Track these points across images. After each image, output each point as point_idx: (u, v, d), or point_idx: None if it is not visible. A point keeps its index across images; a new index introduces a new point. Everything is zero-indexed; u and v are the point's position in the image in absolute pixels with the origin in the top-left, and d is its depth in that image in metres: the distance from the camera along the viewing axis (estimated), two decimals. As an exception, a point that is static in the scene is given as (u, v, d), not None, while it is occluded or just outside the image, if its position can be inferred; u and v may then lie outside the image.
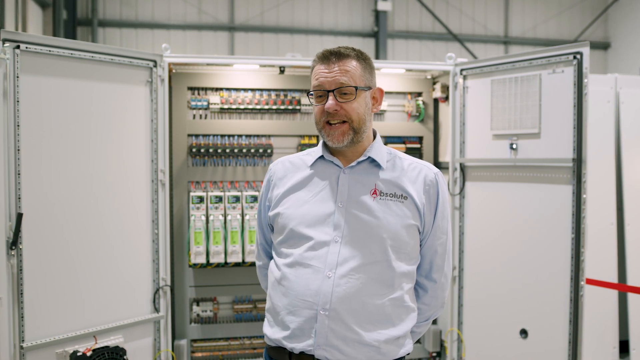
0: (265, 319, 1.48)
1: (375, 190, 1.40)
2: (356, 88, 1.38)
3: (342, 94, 1.38)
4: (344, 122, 1.38)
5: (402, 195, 1.40)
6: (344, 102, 1.37)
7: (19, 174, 2.18)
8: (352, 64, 1.39)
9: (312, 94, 1.42)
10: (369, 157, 1.44)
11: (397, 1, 9.31)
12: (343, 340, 1.33)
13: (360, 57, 1.42)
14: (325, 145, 1.47)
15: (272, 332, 1.43)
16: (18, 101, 2.17)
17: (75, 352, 2.32)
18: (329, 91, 1.38)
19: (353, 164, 1.43)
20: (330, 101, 1.37)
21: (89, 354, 2.35)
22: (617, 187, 3.49)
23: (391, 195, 1.40)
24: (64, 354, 2.32)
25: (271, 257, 1.53)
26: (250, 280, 2.97)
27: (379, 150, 1.45)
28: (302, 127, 3.02)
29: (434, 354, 3.14)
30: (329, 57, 1.40)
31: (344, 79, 1.37)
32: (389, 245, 1.37)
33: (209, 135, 2.94)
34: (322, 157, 1.47)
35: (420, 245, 1.45)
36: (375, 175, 1.42)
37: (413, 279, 1.45)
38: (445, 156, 3.13)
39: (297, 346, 1.36)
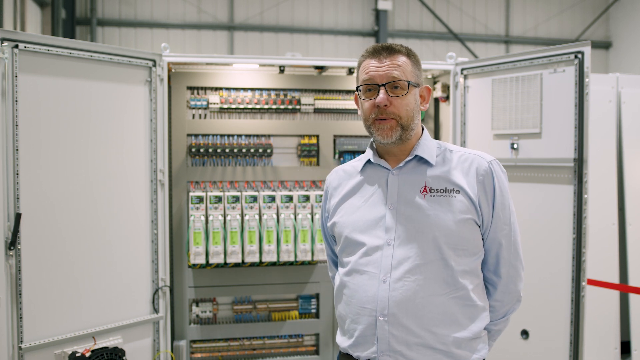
0: (338, 328, 1.49)
1: (425, 188, 1.36)
2: (409, 83, 1.35)
3: (393, 88, 1.35)
4: (392, 118, 1.35)
5: (453, 190, 1.35)
6: (395, 97, 1.34)
7: (17, 174, 2.17)
8: (403, 59, 1.37)
9: (360, 90, 1.39)
10: (417, 156, 1.40)
11: (397, 0, 9.29)
12: (406, 345, 1.30)
13: (410, 53, 1.40)
14: (372, 148, 1.46)
15: (341, 340, 1.44)
16: (17, 101, 2.16)
17: (74, 353, 2.31)
18: (380, 85, 1.35)
19: (401, 164, 1.40)
20: (382, 95, 1.33)
21: (87, 354, 2.34)
22: (619, 187, 3.47)
23: (441, 191, 1.35)
24: (62, 354, 2.31)
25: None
26: (250, 280, 2.96)
27: (427, 147, 1.41)
28: (302, 126, 3.01)
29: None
30: (380, 51, 1.37)
31: (397, 73, 1.34)
32: (443, 243, 1.32)
33: (208, 135, 2.93)
34: (369, 161, 1.45)
35: (483, 239, 1.39)
36: (424, 173, 1.38)
37: (478, 276, 1.39)
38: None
39: (362, 354, 1.35)
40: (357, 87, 1.41)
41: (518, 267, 1.44)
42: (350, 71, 3.02)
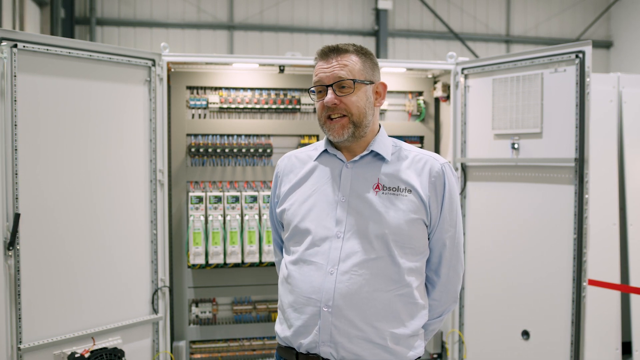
0: (277, 317, 1.48)
1: (377, 185, 1.38)
2: (354, 81, 1.37)
3: (340, 87, 1.37)
4: (344, 115, 1.37)
5: (405, 189, 1.37)
6: (342, 95, 1.37)
7: (16, 174, 2.16)
8: (351, 59, 1.39)
9: (313, 91, 1.42)
10: (372, 151, 1.42)
11: (397, 0, 9.28)
12: (347, 337, 1.32)
13: (360, 52, 1.42)
14: (329, 139, 1.46)
15: (281, 329, 1.43)
16: (16, 100, 2.15)
17: (73, 354, 2.31)
18: (327, 86, 1.37)
19: (356, 158, 1.42)
20: (329, 95, 1.36)
21: (87, 355, 2.34)
22: (620, 187, 3.46)
23: (394, 189, 1.37)
24: (61, 355, 2.30)
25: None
26: (249, 281, 2.95)
27: (383, 143, 1.43)
28: (302, 126, 3.00)
29: (435, 356, 3.12)
30: (328, 53, 1.40)
31: (342, 72, 1.36)
32: (392, 241, 1.34)
33: (208, 135, 2.92)
34: (326, 151, 1.46)
35: (429, 239, 1.42)
36: (378, 169, 1.40)
37: (422, 275, 1.42)
38: (446, 156, 3.11)
39: (302, 343, 1.35)
40: (309, 90, 1.44)
41: (458, 269, 1.47)
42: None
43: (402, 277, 1.35)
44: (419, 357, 1.41)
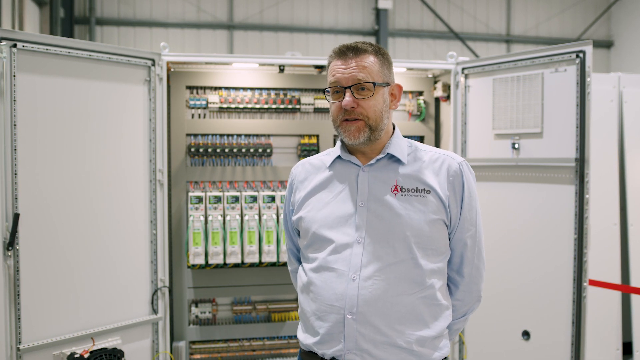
0: (299, 324, 1.47)
1: (396, 187, 1.36)
2: (374, 84, 1.34)
3: (359, 90, 1.34)
4: (360, 119, 1.35)
5: (424, 190, 1.35)
6: (361, 98, 1.34)
7: (15, 174, 2.15)
8: (370, 60, 1.35)
9: (328, 91, 1.39)
10: (388, 154, 1.40)
11: (398, -1, 9.28)
12: (373, 343, 1.30)
13: (378, 52, 1.39)
14: (343, 144, 1.44)
15: (304, 337, 1.42)
16: (15, 100, 2.15)
17: (72, 354, 2.30)
18: (345, 87, 1.34)
19: (372, 161, 1.39)
20: (348, 98, 1.33)
21: (86, 355, 2.33)
22: (621, 187, 3.46)
23: (413, 191, 1.35)
24: (61, 355, 2.30)
25: (301, 262, 1.51)
26: (249, 281, 2.94)
27: (398, 145, 1.41)
28: (302, 126, 3.00)
29: (435, 356, 3.12)
30: (345, 52, 1.36)
31: (362, 75, 1.33)
32: (414, 243, 1.32)
33: (207, 135, 2.92)
34: (340, 156, 1.44)
35: (449, 239, 1.40)
36: (395, 171, 1.38)
37: (444, 276, 1.40)
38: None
39: (327, 352, 1.34)
40: (324, 90, 1.41)
41: (480, 268, 1.45)
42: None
43: (425, 279, 1.33)
44: (445, 358, 1.39)
